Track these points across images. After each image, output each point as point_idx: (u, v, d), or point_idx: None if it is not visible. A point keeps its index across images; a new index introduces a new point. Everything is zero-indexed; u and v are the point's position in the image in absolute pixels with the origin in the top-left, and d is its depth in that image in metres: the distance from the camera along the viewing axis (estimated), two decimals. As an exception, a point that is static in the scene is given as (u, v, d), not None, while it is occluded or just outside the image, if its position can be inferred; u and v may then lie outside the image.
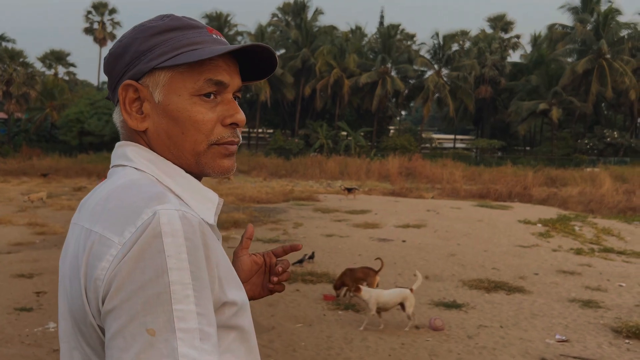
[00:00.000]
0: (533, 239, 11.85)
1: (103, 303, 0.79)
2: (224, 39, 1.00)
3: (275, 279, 1.18)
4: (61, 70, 50.34)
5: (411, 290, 5.95)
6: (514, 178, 25.29)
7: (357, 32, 49.47)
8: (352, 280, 6.98)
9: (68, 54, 50.03)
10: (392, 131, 50.10)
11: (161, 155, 0.96)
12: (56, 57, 49.26)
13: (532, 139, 49.41)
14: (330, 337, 5.50)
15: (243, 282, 1.16)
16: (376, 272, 6.96)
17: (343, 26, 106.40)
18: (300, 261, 8.96)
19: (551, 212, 16.56)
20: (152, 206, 0.81)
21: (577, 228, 13.56)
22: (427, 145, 48.62)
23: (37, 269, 8.12)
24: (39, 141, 42.86)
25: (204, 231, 0.83)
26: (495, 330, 5.88)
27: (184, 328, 0.76)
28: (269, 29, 47.83)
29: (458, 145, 52.23)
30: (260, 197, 18.60)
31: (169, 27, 0.95)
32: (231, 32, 47.16)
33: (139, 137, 0.97)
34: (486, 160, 39.08)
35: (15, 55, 41.66)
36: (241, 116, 0.98)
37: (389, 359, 4.98)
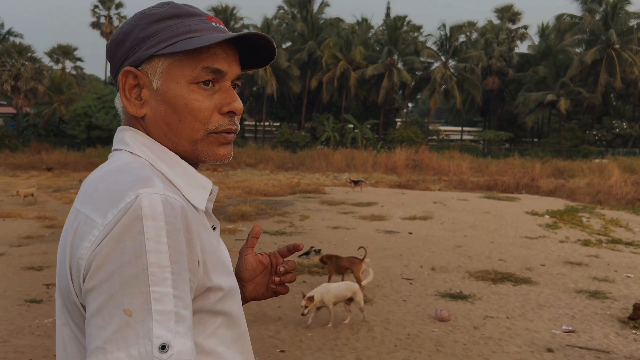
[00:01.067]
0: (540, 230, 11.82)
1: (84, 282, 0.81)
2: (223, 27, 1.01)
3: (277, 279, 1.18)
4: (69, 64, 50.53)
5: (361, 286, 5.81)
6: (521, 170, 25.17)
7: (364, 24, 49.27)
8: (335, 267, 7.07)
9: (75, 49, 50.17)
10: (398, 123, 49.94)
11: (158, 141, 0.97)
12: (63, 52, 49.40)
13: (540, 131, 49.14)
14: (337, 328, 5.53)
15: (247, 282, 1.18)
16: (361, 260, 6.98)
17: (349, 18, 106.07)
18: (307, 253, 9.01)
19: (559, 204, 16.50)
20: (136, 189, 0.83)
21: (584, 219, 13.51)
22: (434, 137, 48.46)
23: (46, 261, 8.21)
24: (48, 135, 43.08)
25: (186, 216, 0.85)
26: (501, 321, 5.89)
27: (160, 310, 0.78)
28: (275, 22, 47.70)
29: (465, 137, 52.05)
30: (267, 190, 18.65)
31: (168, 14, 0.96)
32: (237, 25, 47.07)
33: (138, 122, 0.99)
34: (493, 152, 38.92)
35: (23, 50, 41.80)
36: (239, 104, 0.99)
37: (394, 349, 5.01)
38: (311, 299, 5.42)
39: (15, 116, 44.21)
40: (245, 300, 1.18)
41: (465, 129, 54.03)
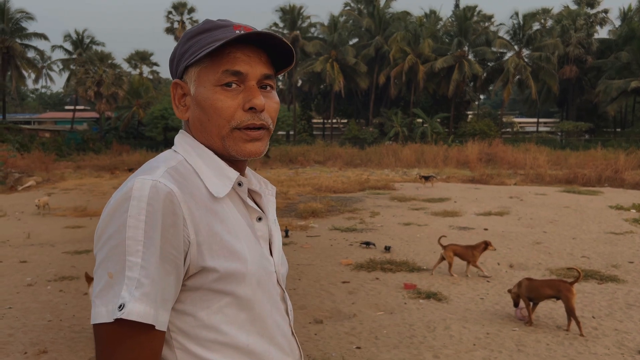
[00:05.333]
0: (626, 226, 11.15)
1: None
2: (249, 32, 1.08)
3: None
4: (145, 69, 52.85)
5: None
6: (603, 162, 23.84)
7: (432, 16, 48.27)
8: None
9: (151, 54, 52.44)
10: (470, 116, 48.64)
11: (198, 140, 1.12)
12: (141, 57, 51.76)
13: (624, 120, 46.29)
14: (413, 326, 5.46)
15: None
16: (443, 248, 7.51)
17: (417, 11, 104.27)
18: (368, 243, 9.16)
19: (647, 197, 15.50)
20: (138, 176, 0.99)
21: (677, 213, 12.60)
22: (508, 129, 46.85)
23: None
24: (128, 138, 45.30)
25: (172, 200, 0.97)
26: (587, 321, 5.60)
27: (129, 276, 0.93)
28: (342, 19, 47.69)
29: (541, 128, 49.89)
30: (336, 187, 18.71)
31: (200, 30, 1.10)
32: (304, 25, 47.46)
33: (187, 125, 1.16)
34: (572, 144, 37.08)
35: (104, 58, 44.18)
36: (257, 101, 1.08)
37: (473, 348, 4.88)
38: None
39: (98, 120, 46.84)
40: None
41: (541, 120, 51.78)
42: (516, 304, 5.71)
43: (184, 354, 1.01)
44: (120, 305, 0.91)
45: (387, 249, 8.95)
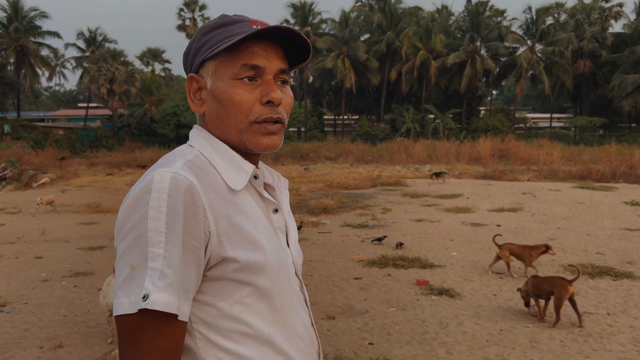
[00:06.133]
0: (642, 222, 11.03)
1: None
2: (265, 27, 1.09)
3: None
4: (157, 67, 53.14)
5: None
6: (618, 157, 23.55)
7: (444, 11, 47.96)
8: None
9: (163, 51, 52.68)
10: (482, 112, 48.30)
11: (214, 134, 1.13)
12: (152, 55, 52.02)
13: (639, 115, 45.72)
14: (425, 322, 5.45)
15: None
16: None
17: (428, 6, 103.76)
18: (379, 239, 9.10)
19: (662, 193, 15.31)
20: (157, 169, 1.00)
21: (693, 209, 12.44)
22: (521, 125, 46.48)
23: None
24: (140, 135, 45.60)
25: (192, 192, 0.98)
26: (601, 318, 5.55)
27: (152, 267, 0.94)
28: (353, 15, 47.54)
29: (555, 124, 49.44)
30: (347, 183, 18.70)
31: (217, 24, 1.10)
32: (315, 21, 47.38)
33: (202, 119, 1.16)
34: (586, 139, 36.72)
35: (117, 55, 44.50)
36: (275, 94, 1.09)
37: (487, 344, 4.86)
38: None
39: (110, 117, 47.18)
40: None
41: (554, 115, 51.29)
42: (527, 303, 5.74)
43: (205, 344, 1.02)
44: (144, 296, 0.92)
45: (399, 245, 8.93)
